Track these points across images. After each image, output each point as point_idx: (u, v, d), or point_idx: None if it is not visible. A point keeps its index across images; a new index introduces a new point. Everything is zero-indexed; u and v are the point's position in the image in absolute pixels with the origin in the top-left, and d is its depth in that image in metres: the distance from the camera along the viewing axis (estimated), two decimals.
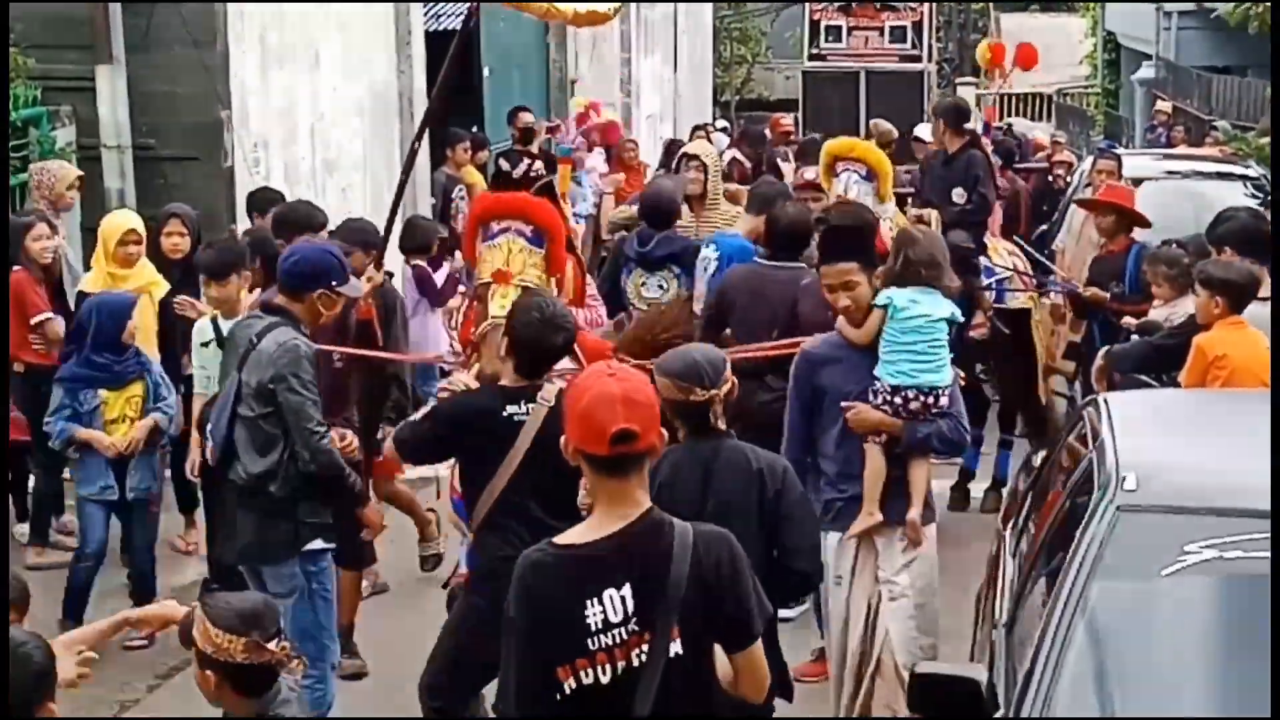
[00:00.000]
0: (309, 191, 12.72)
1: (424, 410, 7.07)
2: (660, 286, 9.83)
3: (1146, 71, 30.48)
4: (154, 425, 8.58)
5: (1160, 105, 21.14)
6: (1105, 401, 6.27)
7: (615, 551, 4.32)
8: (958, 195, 10.99)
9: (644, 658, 4.31)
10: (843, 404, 6.71)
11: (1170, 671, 4.83)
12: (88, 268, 10.17)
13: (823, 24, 23.66)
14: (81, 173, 10.43)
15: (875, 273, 6.77)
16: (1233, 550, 4.86)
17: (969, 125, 11.60)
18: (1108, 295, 9.96)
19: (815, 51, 24.02)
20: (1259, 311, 8.10)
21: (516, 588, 4.36)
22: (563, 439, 4.42)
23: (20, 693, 3.92)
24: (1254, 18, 18.43)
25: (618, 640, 4.31)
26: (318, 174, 13.38)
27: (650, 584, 4.31)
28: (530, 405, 6.21)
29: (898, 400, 6.72)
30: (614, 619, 4.30)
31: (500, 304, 6.75)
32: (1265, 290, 8.32)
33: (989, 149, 13.05)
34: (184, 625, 4.70)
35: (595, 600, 4.29)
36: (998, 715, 4.81)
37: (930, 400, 6.73)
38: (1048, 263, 11.90)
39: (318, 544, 6.97)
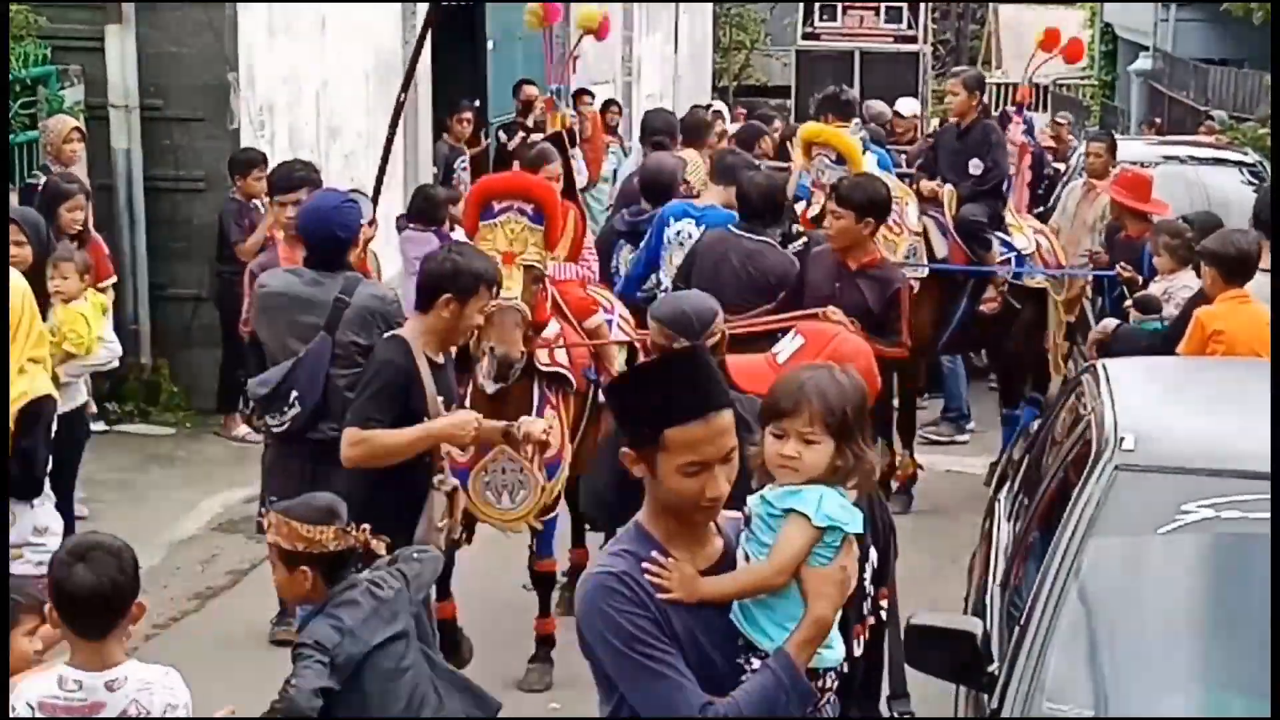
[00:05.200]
0: (312, 157, 12.73)
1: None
2: None
3: (1143, 63, 30.59)
4: None
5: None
6: (1103, 367, 6.33)
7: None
8: (974, 167, 10.90)
9: (881, 615, 4.39)
10: None
11: (1164, 626, 4.90)
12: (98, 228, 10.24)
13: (817, 1, 23.43)
14: (77, 123, 10.46)
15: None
16: (1230, 510, 4.91)
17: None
18: (1140, 278, 9.86)
19: (809, 30, 23.73)
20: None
21: None
22: None
23: None
24: (1257, 8, 18.68)
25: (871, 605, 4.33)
26: (321, 140, 13.42)
27: (880, 545, 4.38)
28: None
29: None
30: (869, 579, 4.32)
31: (506, 285, 6.80)
32: (1266, 261, 8.38)
33: (1022, 128, 13.15)
34: None
35: (867, 564, 4.26)
36: (992, 667, 4.83)
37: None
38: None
39: None
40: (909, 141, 16.01)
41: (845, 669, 4.02)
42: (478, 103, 16.79)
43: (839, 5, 23.41)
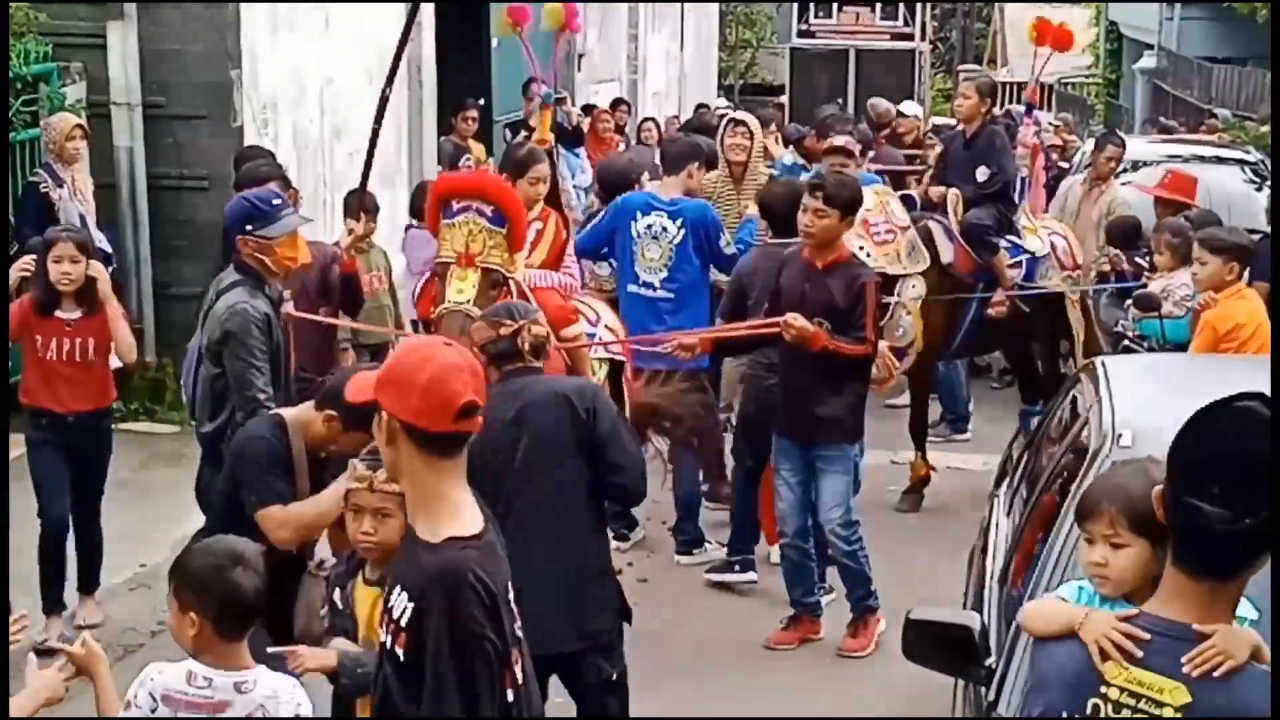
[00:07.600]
0: (316, 156, 12.78)
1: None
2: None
3: (1148, 61, 30.61)
4: None
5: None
6: (1101, 364, 6.34)
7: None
8: (981, 174, 10.86)
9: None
10: None
11: None
12: (99, 225, 10.24)
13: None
14: (80, 120, 10.45)
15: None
16: None
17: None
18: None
19: (804, 28, 23.38)
20: None
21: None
22: (383, 417, 3.92)
23: None
24: (1260, 7, 18.77)
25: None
26: (325, 138, 13.42)
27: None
28: None
29: None
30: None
31: (458, 288, 6.77)
32: None
33: (1033, 129, 13.09)
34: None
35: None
36: (989, 662, 4.83)
37: None
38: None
39: None
40: (913, 144, 15.98)
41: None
42: (482, 101, 16.79)
43: (834, 2, 23.09)
